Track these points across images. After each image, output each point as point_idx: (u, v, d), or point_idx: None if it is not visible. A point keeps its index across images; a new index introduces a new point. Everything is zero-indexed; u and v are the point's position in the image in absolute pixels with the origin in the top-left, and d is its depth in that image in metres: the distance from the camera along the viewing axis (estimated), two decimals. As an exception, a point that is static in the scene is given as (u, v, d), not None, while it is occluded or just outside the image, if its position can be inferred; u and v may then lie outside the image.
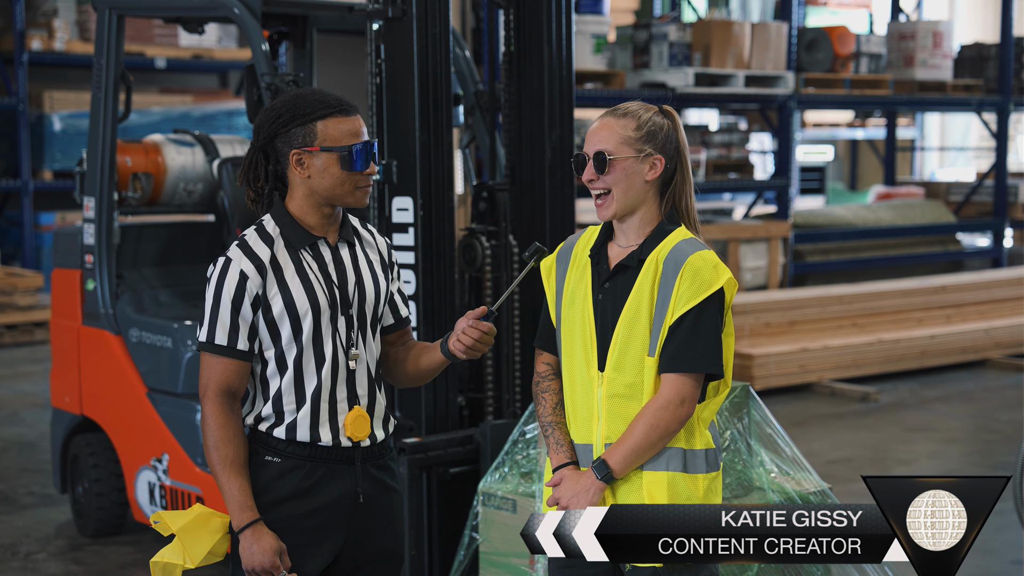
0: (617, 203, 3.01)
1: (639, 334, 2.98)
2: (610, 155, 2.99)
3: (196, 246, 5.98)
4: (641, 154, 3.00)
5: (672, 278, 2.96)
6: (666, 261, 2.98)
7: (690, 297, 2.94)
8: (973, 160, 20.60)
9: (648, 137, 3.01)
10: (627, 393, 3.00)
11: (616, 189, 3.00)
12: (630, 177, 3.00)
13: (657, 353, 2.97)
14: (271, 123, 3.00)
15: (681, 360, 2.95)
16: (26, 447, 7.58)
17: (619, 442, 2.98)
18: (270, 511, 2.97)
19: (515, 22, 5.13)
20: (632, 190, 3.01)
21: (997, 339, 10.30)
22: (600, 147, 3.00)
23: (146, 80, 13.27)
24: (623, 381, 3.00)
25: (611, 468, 2.97)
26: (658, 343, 2.97)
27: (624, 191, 3.00)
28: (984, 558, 5.59)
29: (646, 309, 2.98)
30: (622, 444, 2.97)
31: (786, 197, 11.35)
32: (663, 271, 2.98)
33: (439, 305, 4.83)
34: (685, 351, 2.94)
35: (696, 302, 2.94)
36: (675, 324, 2.95)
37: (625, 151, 3.00)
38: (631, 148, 3.00)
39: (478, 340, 3.00)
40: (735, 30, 10.47)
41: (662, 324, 2.97)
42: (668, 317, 2.96)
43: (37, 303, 10.97)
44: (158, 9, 5.84)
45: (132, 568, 5.53)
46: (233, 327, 2.96)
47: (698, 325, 2.95)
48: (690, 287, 2.94)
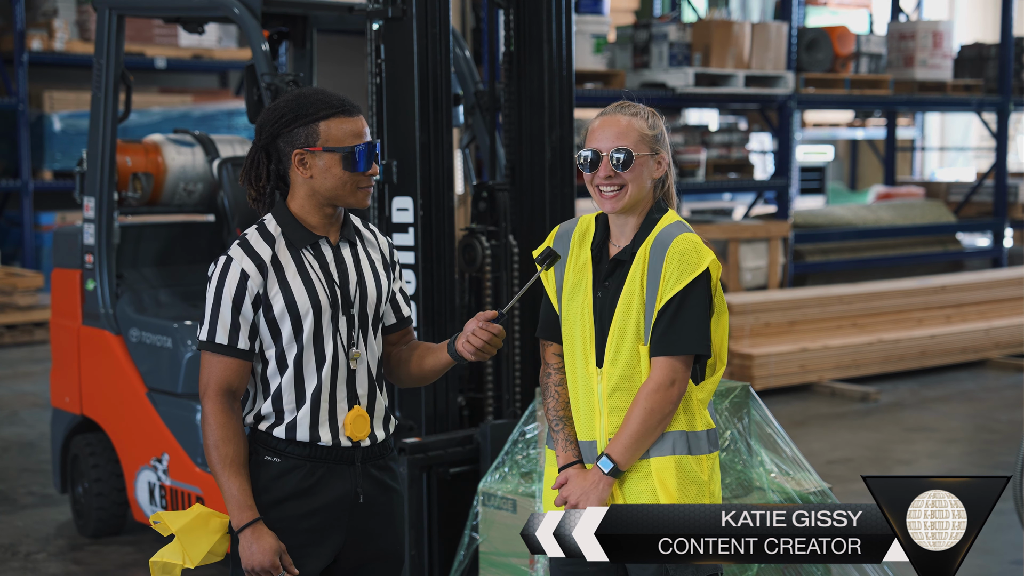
0: (630, 198, 3.06)
1: (633, 324, 3.02)
2: (634, 152, 3.04)
3: (196, 246, 5.98)
4: (653, 152, 3.08)
5: (659, 263, 3.01)
6: (652, 247, 3.04)
7: (677, 280, 2.99)
8: (973, 160, 20.60)
9: (657, 136, 3.10)
10: (627, 387, 3.03)
11: (632, 185, 3.06)
12: (644, 174, 3.07)
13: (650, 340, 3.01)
14: (274, 122, 3.01)
15: (668, 343, 2.99)
16: (26, 447, 7.58)
17: (618, 434, 3.01)
18: (270, 511, 2.97)
19: (515, 22, 5.13)
20: (643, 187, 3.08)
21: (997, 339, 10.30)
22: (621, 144, 3.05)
23: (146, 80, 13.26)
24: (620, 374, 3.03)
25: (616, 461, 3.00)
26: (650, 330, 3.01)
27: (638, 187, 3.07)
28: (984, 558, 5.59)
29: (638, 298, 3.03)
30: (622, 435, 3.00)
31: (786, 197, 11.35)
32: (650, 257, 3.03)
33: (439, 305, 4.83)
34: (672, 334, 2.99)
35: (682, 285, 2.99)
36: (663, 308, 3.00)
37: (643, 149, 3.07)
38: (647, 146, 3.07)
39: (488, 342, 3.00)
40: (735, 30, 10.47)
41: (653, 310, 3.01)
42: (658, 302, 3.01)
43: (37, 303, 10.97)
44: (158, 9, 5.84)
45: (132, 568, 5.53)
46: (234, 326, 2.96)
47: (684, 308, 3.00)
48: (676, 270, 2.99)
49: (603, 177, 3.05)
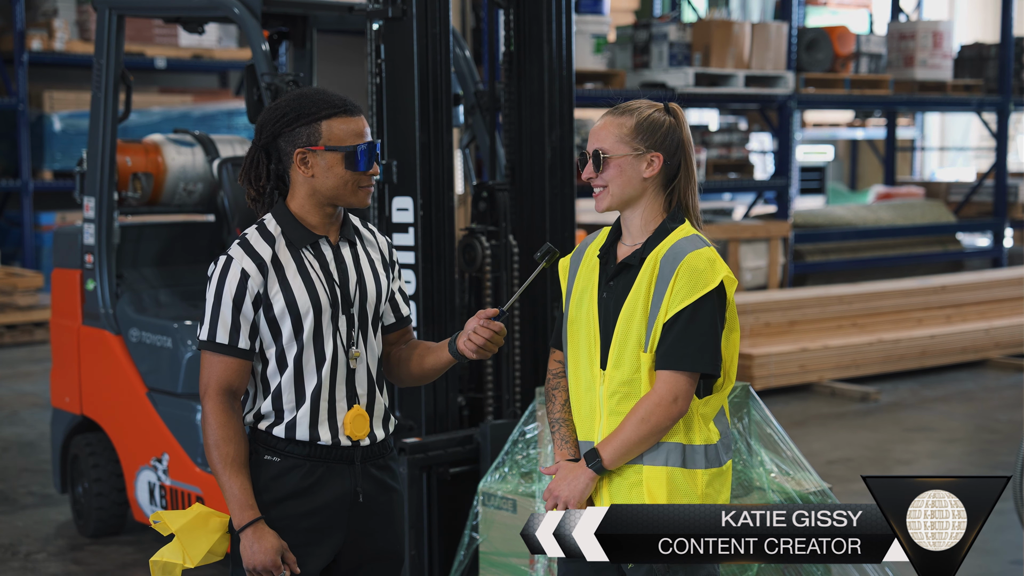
0: (612, 197, 3.06)
1: (635, 330, 3.01)
2: (605, 153, 3.04)
3: (196, 246, 5.98)
4: (636, 151, 3.03)
5: (668, 275, 2.98)
6: (664, 259, 3.00)
7: (686, 295, 2.96)
8: (973, 160, 20.60)
9: (645, 135, 3.04)
10: (626, 391, 3.02)
11: (612, 185, 3.05)
12: (625, 173, 3.04)
13: (651, 349, 2.99)
14: (275, 122, 3.01)
15: (675, 358, 2.96)
16: (26, 447, 7.58)
17: (612, 435, 3.01)
18: (270, 510, 2.97)
19: (515, 22, 5.13)
20: (628, 186, 3.05)
21: (997, 339, 10.30)
22: (597, 145, 3.05)
23: (146, 80, 13.27)
24: (621, 378, 3.02)
25: (601, 458, 3.00)
26: (651, 339, 2.99)
27: (620, 187, 3.05)
28: (984, 558, 5.59)
29: (642, 305, 3.01)
30: (615, 437, 3.00)
31: (786, 197, 11.36)
32: (660, 268, 3.00)
33: (439, 305, 4.83)
34: (679, 349, 2.96)
35: (692, 300, 2.96)
36: (670, 321, 2.97)
37: (621, 148, 3.04)
38: (627, 146, 3.04)
39: (489, 340, 3.00)
40: (735, 30, 10.47)
41: (655, 320, 2.99)
42: (662, 314, 2.98)
43: (37, 303, 10.97)
44: (158, 9, 5.84)
45: (132, 568, 5.53)
46: (234, 326, 2.96)
47: (693, 323, 2.96)
48: (686, 285, 2.96)
49: (585, 178, 3.09)
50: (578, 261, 3.18)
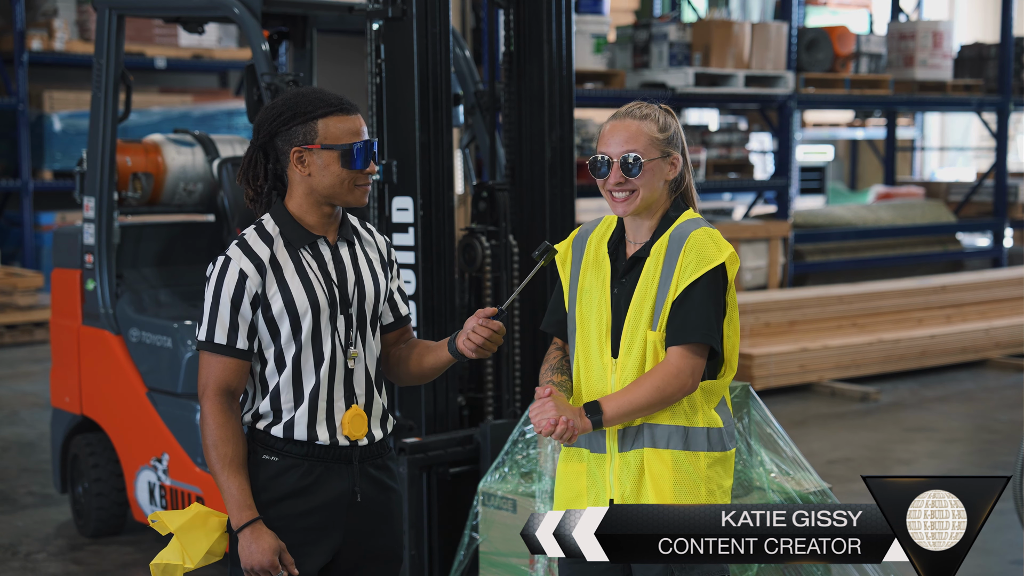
0: (641, 201, 3.07)
1: (646, 312, 3.04)
2: (641, 157, 3.05)
3: (196, 246, 5.97)
4: (664, 154, 3.08)
5: (676, 252, 3.03)
6: (670, 240, 3.05)
7: (693, 270, 3.00)
8: (973, 160, 20.60)
9: (670, 138, 3.09)
10: (637, 375, 3.04)
11: (643, 189, 3.06)
12: (655, 177, 3.07)
13: (660, 328, 3.02)
14: (271, 121, 3.01)
15: (683, 331, 3.00)
16: (26, 447, 7.58)
17: (621, 392, 3.01)
18: (268, 510, 2.97)
19: (515, 22, 5.13)
20: (656, 189, 3.08)
21: (997, 339, 10.30)
22: (629, 149, 3.05)
23: (146, 80, 13.26)
24: (634, 364, 3.04)
25: (603, 412, 2.99)
26: (661, 317, 3.02)
27: (650, 191, 3.07)
28: (984, 558, 5.59)
29: (652, 287, 3.04)
30: (623, 395, 3.00)
31: (786, 197, 11.35)
32: (667, 249, 3.05)
33: (439, 305, 4.83)
34: (690, 322, 2.99)
35: (698, 275, 3.00)
36: (680, 297, 3.01)
37: (653, 152, 3.07)
38: (657, 149, 3.07)
39: (488, 339, 3.01)
40: (735, 30, 10.47)
41: (665, 297, 3.02)
42: (672, 291, 3.02)
43: (37, 303, 10.97)
44: (158, 9, 5.84)
45: (132, 568, 5.53)
46: (233, 326, 2.96)
47: (698, 297, 3.00)
48: (695, 259, 3.00)
49: (614, 183, 3.06)
50: (581, 249, 3.18)
